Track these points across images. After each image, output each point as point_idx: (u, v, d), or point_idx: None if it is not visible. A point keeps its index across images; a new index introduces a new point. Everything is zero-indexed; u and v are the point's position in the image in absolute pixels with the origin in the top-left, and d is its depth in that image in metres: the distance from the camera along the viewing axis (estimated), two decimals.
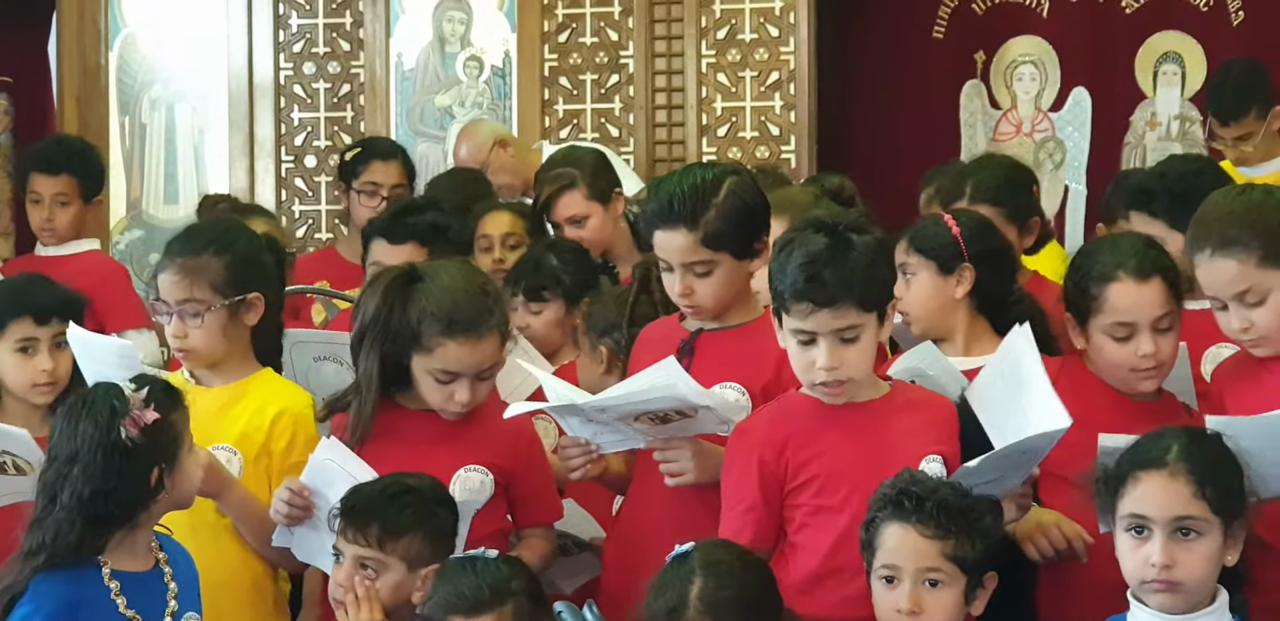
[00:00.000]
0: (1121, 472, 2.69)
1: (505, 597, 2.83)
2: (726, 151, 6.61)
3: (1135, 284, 3.10)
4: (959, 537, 2.73)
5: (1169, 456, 2.66)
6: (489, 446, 3.25)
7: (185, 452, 2.92)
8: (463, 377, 3.17)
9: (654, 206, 3.23)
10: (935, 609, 2.74)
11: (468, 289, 3.20)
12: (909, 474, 2.83)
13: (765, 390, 3.15)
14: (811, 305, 2.87)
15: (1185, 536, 2.64)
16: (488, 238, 4.59)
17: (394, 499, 3.00)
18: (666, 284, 3.25)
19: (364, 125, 6.91)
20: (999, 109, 6.98)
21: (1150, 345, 3.09)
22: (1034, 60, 6.94)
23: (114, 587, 2.84)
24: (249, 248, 3.46)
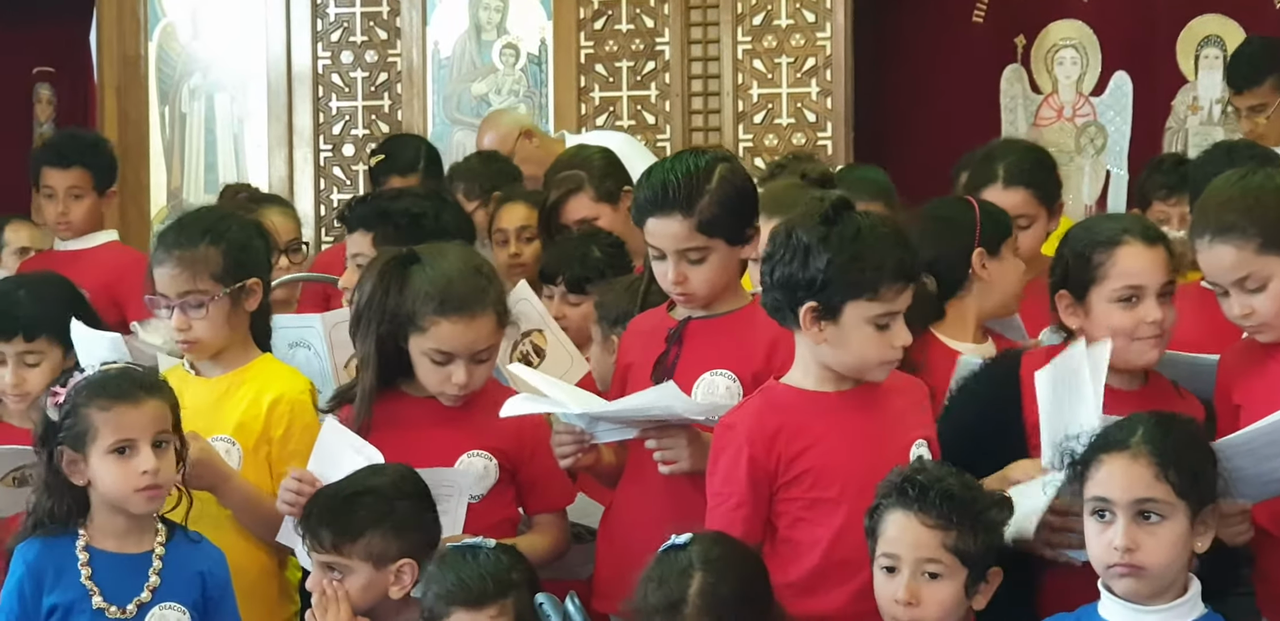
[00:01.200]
0: (1088, 456, 2.67)
1: (508, 589, 2.83)
2: (763, 138, 6.62)
3: (1145, 247, 3.06)
4: (961, 529, 2.70)
5: (1133, 439, 2.64)
6: (492, 432, 3.23)
7: (98, 450, 2.92)
8: (458, 359, 3.16)
9: (647, 194, 3.21)
10: (933, 601, 2.71)
11: (463, 269, 3.21)
12: (919, 461, 2.84)
13: (756, 378, 3.11)
14: (906, 282, 2.90)
15: (1147, 520, 2.61)
16: (503, 232, 4.56)
17: (346, 501, 2.98)
18: (659, 272, 3.23)
19: (401, 114, 6.94)
20: (1040, 94, 6.95)
21: (1157, 311, 3.04)
22: (1075, 44, 6.91)
23: (81, 559, 2.94)
24: (242, 234, 3.43)
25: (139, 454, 2.93)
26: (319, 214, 6.90)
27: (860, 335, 2.90)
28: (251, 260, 3.41)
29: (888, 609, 2.75)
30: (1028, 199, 3.95)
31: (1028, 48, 6.95)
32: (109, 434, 2.92)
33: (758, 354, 3.15)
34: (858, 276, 2.86)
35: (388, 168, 5.42)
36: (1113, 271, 3.05)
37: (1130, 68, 6.83)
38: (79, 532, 2.97)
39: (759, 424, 2.94)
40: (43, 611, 2.94)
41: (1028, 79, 6.96)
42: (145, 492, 2.94)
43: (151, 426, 2.95)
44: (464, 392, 3.21)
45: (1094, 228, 3.18)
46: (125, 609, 2.95)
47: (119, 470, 2.93)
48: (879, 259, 2.87)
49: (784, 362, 3.06)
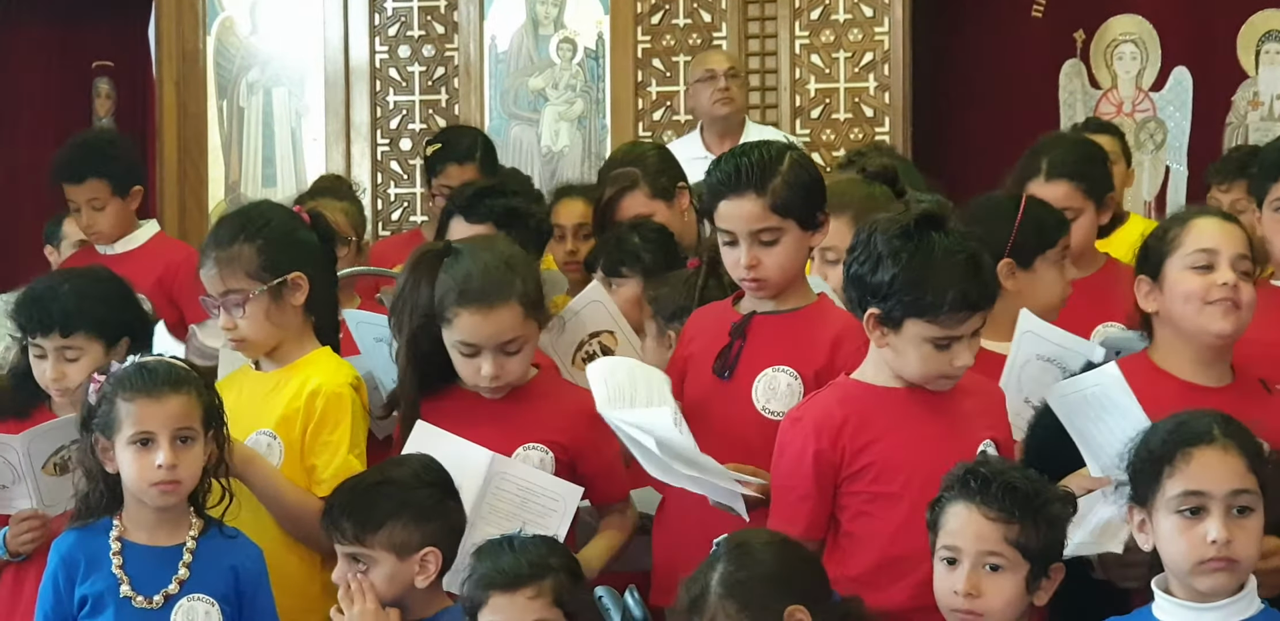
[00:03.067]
0: (1165, 452, 2.60)
1: (545, 572, 2.82)
2: (820, 133, 6.63)
3: (1219, 220, 3.08)
4: (1024, 522, 2.67)
5: (1215, 431, 2.60)
6: (547, 424, 3.24)
7: (121, 440, 2.95)
8: (485, 350, 3.16)
9: (719, 176, 3.20)
10: (994, 593, 2.67)
11: (490, 261, 3.20)
12: (983, 456, 2.82)
13: (818, 376, 3.11)
14: (970, 312, 2.88)
15: (1240, 513, 2.57)
16: (560, 227, 4.55)
17: (366, 492, 2.99)
18: (729, 260, 3.19)
19: (458, 108, 6.96)
20: (1099, 89, 6.96)
21: (1230, 274, 2.99)
22: (1135, 39, 6.92)
23: (114, 548, 2.98)
24: (281, 228, 3.40)
25: (157, 447, 2.95)
26: (375, 208, 6.90)
27: (919, 352, 2.90)
28: (293, 254, 3.36)
29: (947, 601, 2.71)
30: (1071, 192, 3.92)
31: (1087, 43, 6.97)
32: (130, 425, 2.95)
33: (821, 352, 3.15)
34: (919, 298, 2.86)
35: (444, 156, 5.38)
36: (1186, 239, 3.03)
37: (1190, 63, 6.84)
38: (114, 523, 3.01)
39: (826, 416, 2.94)
40: (74, 601, 2.98)
41: (1087, 74, 6.98)
42: (161, 486, 2.95)
43: (172, 422, 2.95)
44: (497, 384, 3.20)
45: (1174, 216, 3.19)
46: (152, 600, 2.96)
47: (137, 462, 2.95)
48: (944, 285, 2.85)
49: (846, 362, 3.07)
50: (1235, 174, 4.96)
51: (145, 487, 2.96)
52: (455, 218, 3.98)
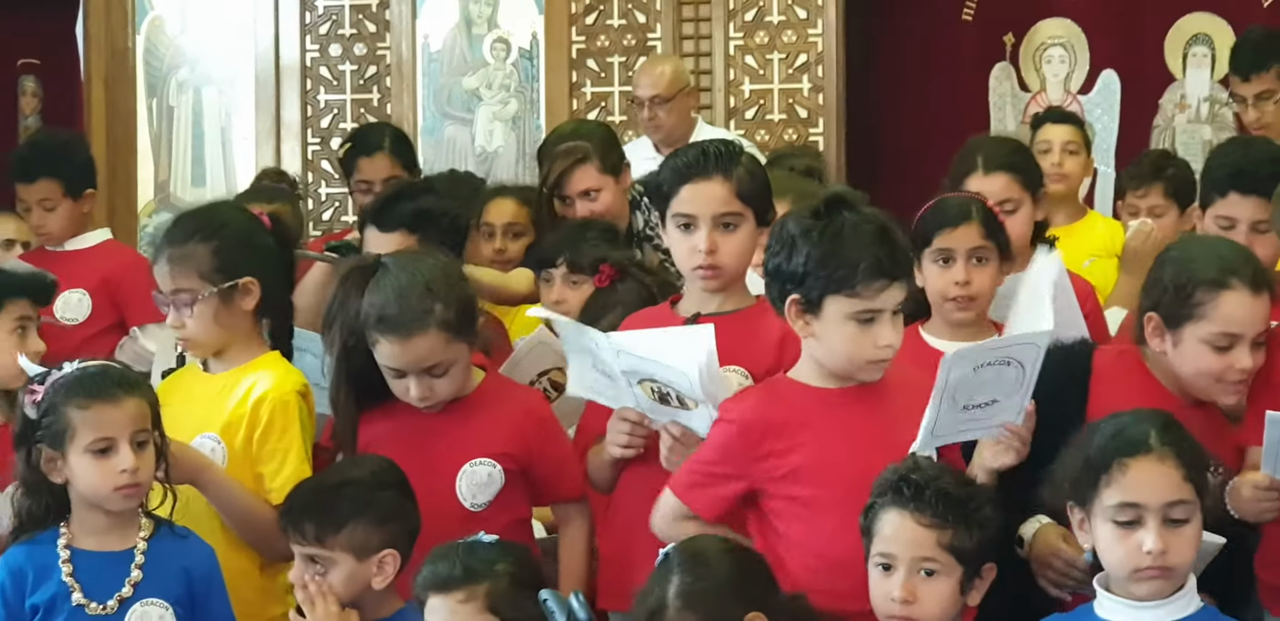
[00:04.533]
0: (1102, 460, 2.62)
1: (480, 577, 2.81)
2: (754, 134, 6.60)
3: (1250, 296, 2.99)
4: (957, 527, 2.69)
5: (1151, 440, 2.61)
6: (495, 436, 3.23)
7: (76, 449, 2.90)
8: (410, 374, 3.15)
9: (685, 160, 3.20)
10: (930, 599, 2.70)
11: (410, 286, 3.15)
12: (913, 460, 2.80)
13: (768, 373, 3.09)
14: (886, 281, 2.86)
15: (1175, 524, 2.59)
16: (490, 225, 4.54)
17: (328, 493, 2.99)
18: (685, 248, 3.18)
19: (390, 107, 6.93)
20: (1028, 91, 6.98)
21: (1248, 359, 3.00)
22: (1063, 42, 6.94)
23: (63, 556, 2.95)
24: (238, 231, 3.38)
25: (118, 453, 2.91)
26: (307, 208, 6.84)
27: (841, 331, 2.88)
28: (247, 258, 3.33)
29: (883, 607, 2.73)
30: (1010, 183, 3.92)
31: (1016, 46, 6.99)
32: (88, 433, 2.90)
33: (769, 351, 3.14)
34: (833, 271, 2.86)
35: (354, 151, 5.34)
36: (1213, 314, 2.99)
37: (1118, 66, 6.87)
38: (61, 532, 2.97)
39: (756, 416, 2.94)
40: (26, 612, 2.93)
41: (1016, 77, 7.00)
42: (124, 491, 2.92)
43: (130, 425, 2.93)
44: (428, 404, 3.20)
45: (1199, 259, 3.07)
46: (106, 605, 2.93)
47: (98, 469, 2.91)
48: (856, 255, 2.84)
49: (793, 360, 3.04)
50: (1151, 178, 4.96)
51: (108, 494, 2.92)
52: (368, 229, 3.95)
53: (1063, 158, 5.30)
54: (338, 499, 2.98)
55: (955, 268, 3.44)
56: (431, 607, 2.84)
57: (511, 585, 2.83)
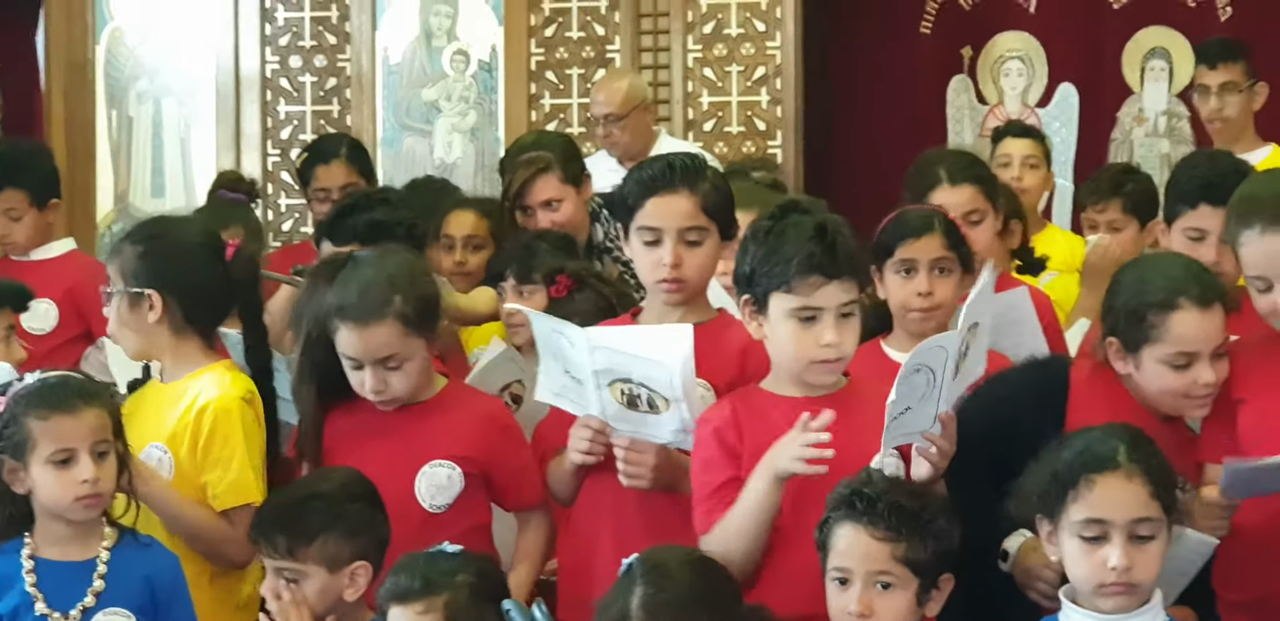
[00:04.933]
0: (1070, 476, 2.63)
1: (439, 589, 2.82)
2: (713, 146, 6.60)
3: (1200, 312, 3.02)
4: (911, 540, 2.70)
5: (1119, 457, 2.63)
6: (454, 439, 3.25)
7: (38, 459, 2.91)
8: (366, 365, 3.19)
9: (650, 173, 3.21)
10: (886, 612, 2.70)
11: (374, 277, 3.21)
12: (866, 473, 2.80)
13: (730, 385, 3.12)
14: (822, 277, 2.87)
15: (1141, 540, 2.59)
16: (450, 237, 4.55)
17: (298, 506, 3.01)
18: (650, 261, 3.19)
19: (350, 119, 6.93)
20: (986, 104, 7.01)
21: (1210, 374, 3.03)
22: (1021, 56, 6.97)
23: (26, 566, 2.96)
24: (172, 245, 3.40)
25: (78, 463, 2.92)
26: (266, 219, 6.81)
27: (784, 329, 2.91)
28: (166, 272, 3.34)
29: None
30: (975, 194, 3.95)
31: (974, 59, 7.01)
32: (48, 444, 2.91)
33: (731, 362, 3.15)
34: (772, 268, 2.89)
35: (310, 160, 5.40)
36: (1167, 336, 3.02)
37: (1076, 79, 6.90)
38: (25, 541, 2.97)
39: (732, 416, 2.96)
40: None
41: (974, 90, 7.03)
42: (85, 501, 2.93)
43: (90, 435, 2.93)
44: (382, 399, 3.23)
45: (1147, 282, 3.10)
46: (69, 615, 2.94)
47: (58, 479, 2.92)
48: (791, 251, 2.88)
49: (755, 371, 3.07)
50: (1110, 193, 4.96)
51: (69, 504, 2.93)
52: (324, 242, 3.99)
53: (1023, 171, 5.36)
54: (308, 512, 2.99)
55: (918, 278, 3.44)
56: (392, 617, 2.84)
57: (471, 596, 2.83)
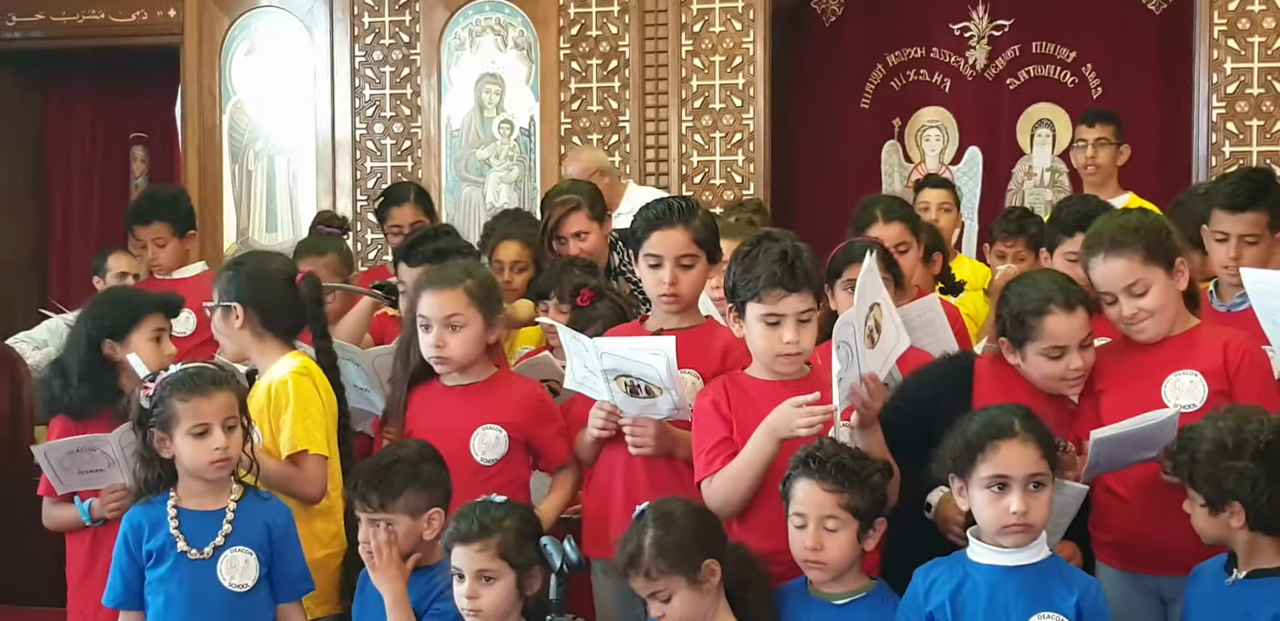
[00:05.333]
0: (978, 442, 2.64)
1: (494, 531, 2.81)
2: (701, 194, 6.59)
3: (1066, 315, 3.00)
4: (852, 491, 2.72)
5: (1016, 427, 2.63)
6: (503, 409, 3.26)
7: (180, 432, 2.90)
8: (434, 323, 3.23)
9: (653, 212, 3.21)
10: (833, 547, 2.75)
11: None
12: (820, 441, 2.80)
13: (715, 375, 3.12)
14: (784, 290, 2.87)
15: (1035, 490, 2.62)
16: (499, 262, 4.53)
17: (385, 469, 2.99)
18: (653, 280, 3.19)
19: (421, 172, 6.91)
20: (911, 163, 7.01)
21: (1079, 361, 3.01)
22: (939, 125, 6.98)
23: (171, 513, 2.96)
24: (251, 268, 3.42)
25: (212, 435, 2.90)
26: (355, 249, 6.83)
27: (755, 330, 2.91)
28: (246, 290, 3.36)
29: (799, 554, 2.77)
30: (903, 230, 3.95)
31: (903, 127, 7.01)
32: (189, 419, 2.90)
33: (715, 357, 3.16)
34: (745, 282, 2.91)
35: (386, 203, 5.39)
36: (1042, 335, 3.01)
37: (981, 143, 6.92)
38: (170, 495, 2.98)
39: (722, 391, 2.98)
40: (143, 556, 2.96)
41: (902, 151, 7.02)
42: (217, 464, 2.92)
43: (221, 413, 2.92)
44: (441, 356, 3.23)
45: (1026, 293, 3.08)
46: (203, 551, 2.94)
47: (196, 448, 2.91)
48: (760, 270, 2.88)
49: (734, 363, 3.09)
50: (1017, 232, 4.95)
51: (205, 466, 2.93)
52: (400, 264, 3.98)
53: (939, 214, 5.38)
54: (392, 473, 2.98)
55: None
56: (455, 556, 2.84)
57: (517, 536, 2.83)
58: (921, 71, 6.93)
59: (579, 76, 6.77)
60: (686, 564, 2.72)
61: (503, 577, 2.81)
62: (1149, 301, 3.01)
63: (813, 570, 2.77)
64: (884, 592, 2.82)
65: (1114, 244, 3.02)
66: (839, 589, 2.80)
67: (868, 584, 2.82)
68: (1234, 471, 2.62)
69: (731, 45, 6.60)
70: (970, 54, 6.83)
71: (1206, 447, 2.67)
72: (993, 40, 6.80)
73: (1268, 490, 2.60)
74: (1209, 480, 2.66)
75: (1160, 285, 3.01)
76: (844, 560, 2.76)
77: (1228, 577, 2.67)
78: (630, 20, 6.67)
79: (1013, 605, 2.60)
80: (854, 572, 2.80)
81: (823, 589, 2.81)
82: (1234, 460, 2.63)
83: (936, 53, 6.89)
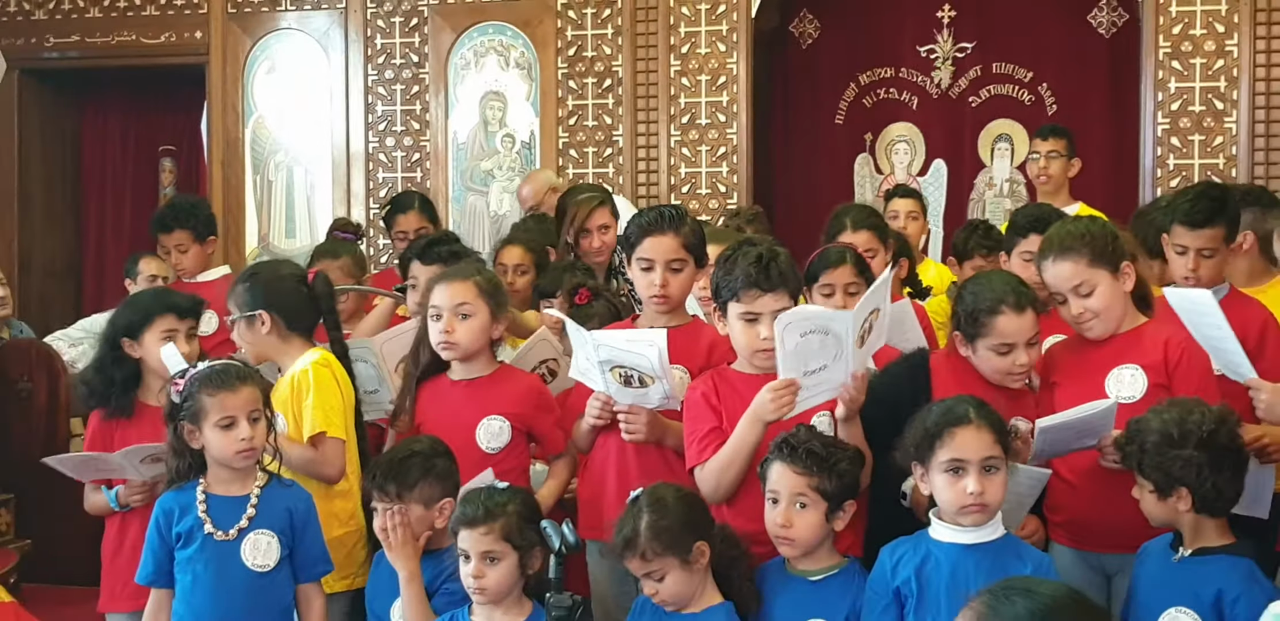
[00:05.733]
0: (936, 430, 2.66)
1: (498, 516, 2.81)
2: (689, 203, 6.61)
3: (1015, 315, 3.02)
4: (821, 475, 2.74)
5: (971, 415, 2.65)
6: (505, 401, 3.25)
7: (208, 424, 2.90)
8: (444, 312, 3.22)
9: (646, 219, 3.21)
10: (801, 524, 2.76)
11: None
12: (797, 428, 2.82)
13: (701, 369, 3.13)
14: (759, 290, 2.86)
15: (990, 472, 2.63)
16: (503, 266, 4.53)
17: (400, 462, 3.00)
18: (645, 282, 3.19)
19: (429, 183, 6.92)
20: (881, 174, 7.00)
21: (1025, 357, 3.02)
22: (907, 139, 6.98)
23: (199, 498, 2.97)
24: (268, 279, 3.41)
25: (238, 426, 2.90)
26: (369, 253, 6.81)
27: (736, 327, 2.92)
28: (265, 297, 3.36)
29: (771, 530, 2.78)
30: (870, 237, 3.95)
31: (874, 142, 7.01)
32: (216, 412, 2.90)
33: (701, 354, 3.18)
34: (726, 284, 2.92)
35: (393, 210, 5.40)
36: (992, 332, 3.03)
37: (945, 156, 6.92)
38: (199, 482, 2.98)
39: (711, 384, 2.99)
40: (173, 537, 2.97)
41: (873, 163, 7.02)
42: (243, 454, 2.92)
43: (246, 406, 2.92)
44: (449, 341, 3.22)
45: (979, 293, 3.08)
46: (228, 533, 2.94)
47: (224, 439, 2.91)
48: (738, 272, 2.89)
49: (719, 359, 3.10)
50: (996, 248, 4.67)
51: (231, 456, 2.93)
52: (414, 262, 3.96)
53: (907, 222, 5.38)
54: (408, 466, 2.98)
55: (835, 298, 3.45)
56: (462, 538, 2.84)
57: (519, 520, 2.83)
58: (891, 90, 6.94)
59: (576, 94, 6.78)
60: (679, 546, 2.74)
61: (506, 558, 2.81)
62: (1094, 302, 3.04)
63: (783, 545, 2.79)
64: (855, 569, 2.83)
65: (1062, 248, 3.05)
66: (813, 565, 2.81)
67: (840, 561, 2.84)
68: (1180, 459, 2.64)
69: (716, 65, 6.62)
70: (936, 74, 6.84)
71: (1153, 438, 2.68)
72: (956, 61, 6.82)
73: (1211, 476, 2.63)
74: (1157, 468, 2.68)
75: (1105, 286, 3.03)
76: (813, 537, 2.77)
77: (1174, 555, 2.69)
78: (623, 42, 6.70)
79: (972, 579, 2.60)
80: (826, 551, 2.82)
81: (798, 566, 2.82)
82: (1179, 449, 2.65)
83: (905, 73, 6.90)
